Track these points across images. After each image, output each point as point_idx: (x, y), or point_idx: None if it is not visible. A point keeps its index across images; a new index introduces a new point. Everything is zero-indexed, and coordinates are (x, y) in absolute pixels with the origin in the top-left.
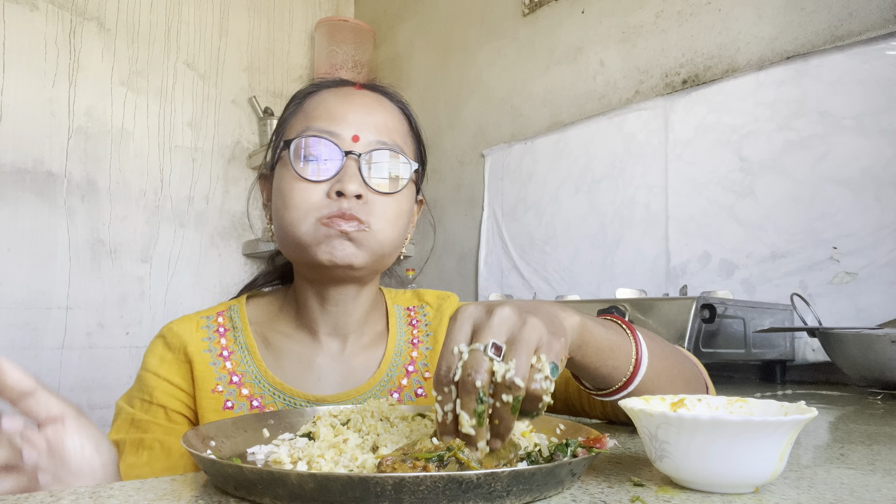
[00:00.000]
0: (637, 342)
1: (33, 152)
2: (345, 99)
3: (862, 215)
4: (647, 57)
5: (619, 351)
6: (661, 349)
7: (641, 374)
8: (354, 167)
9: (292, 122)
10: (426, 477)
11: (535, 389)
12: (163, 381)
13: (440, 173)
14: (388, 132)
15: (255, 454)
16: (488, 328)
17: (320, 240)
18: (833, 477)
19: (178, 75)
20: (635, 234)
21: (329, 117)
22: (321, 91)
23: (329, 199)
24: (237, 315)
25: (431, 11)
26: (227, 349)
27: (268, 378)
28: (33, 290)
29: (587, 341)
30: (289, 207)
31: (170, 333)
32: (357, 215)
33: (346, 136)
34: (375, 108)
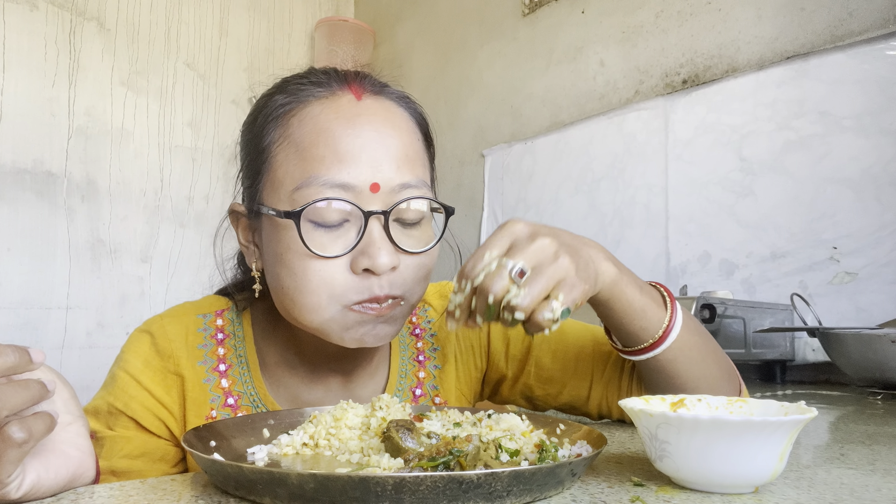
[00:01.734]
0: (674, 311)
1: (33, 152)
2: (351, 124)
3: (862, 215)
4: (647, 57)
5: (651, 313)
6: (697, 328)
7: (671, 339)
8: (380, 230)
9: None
10: (426, 477)
11: (538, 320)
12: (142, 390)
13: (440, 173)
14: (410, 163)
15: (255, 454)
16: (522, 250)
17: (348, 326)
18: (833, 477)
19: (178, 75)
20: (635, 234)
21: (336, 158)
22: (308, 104)
23: (354, 274)
24: (238, 320)
25: (431, 11)
26: (224, 361)
27: (267, 402)
28: (33, 290)
29: (617, 297)
30: (302, 291)
31: (160, 333)
32: (394, 293)
33: (363, 187)
34: (389, 129)
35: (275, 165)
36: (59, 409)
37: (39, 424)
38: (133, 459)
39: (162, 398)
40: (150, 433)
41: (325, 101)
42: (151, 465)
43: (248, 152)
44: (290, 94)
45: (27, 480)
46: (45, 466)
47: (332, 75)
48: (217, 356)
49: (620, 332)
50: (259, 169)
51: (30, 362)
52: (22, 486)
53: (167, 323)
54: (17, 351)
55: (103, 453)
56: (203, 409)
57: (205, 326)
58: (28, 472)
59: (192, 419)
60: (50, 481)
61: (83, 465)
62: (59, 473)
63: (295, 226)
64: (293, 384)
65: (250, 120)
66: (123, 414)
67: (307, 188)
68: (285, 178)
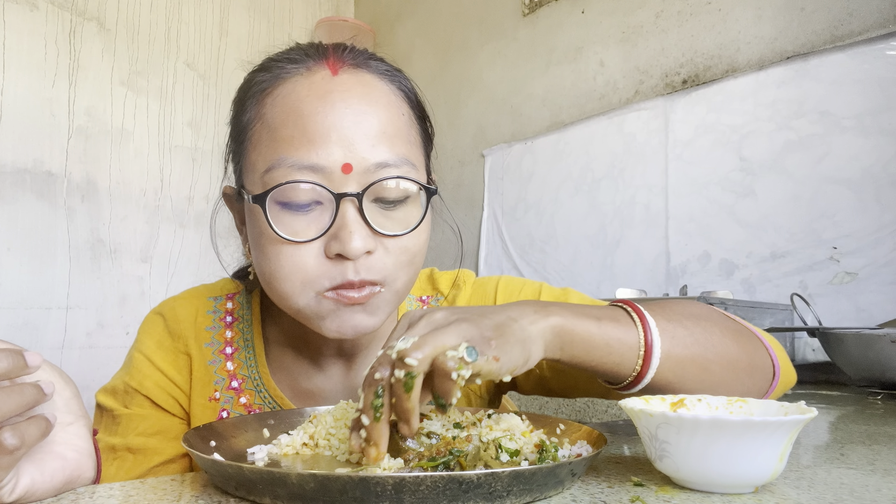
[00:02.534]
0: (647, 331)
1: (33, 152)
2: (322, 101)
3: (862, 215)
4: (647, 57)
5: (619, 344)
6: (689, 334)
7: (654, 367)
8: (353, 213)
9: (253, 136)
10: (426, 477)
11: (440, 363)
12: (156, 370)
13: (440, 173)
14: (389, 140)
15: (255, 454)
16: (413, 328)
17: (324, 314)
18: (833, 477)
19: (178, 75)
20: (635, 234)
21: (304, 139)
22: (284, 82)
23: (327, 259)
24: (248, 304)
25: (431, 11)
26: (231, 345)
27: (270, 389)
28: (33, 290)
29: (570, 342)
30: (276, 277)
31: (171, 315)
32: (369, 278)
33: (333, 168)
34: (366, 105)
35: (250, 147)
36: (59, 409)
37: (33, 430)
38: (149, 437)
39: (174, 377)
40: (164, 411)
41: (299, 78)
42: (166, 443)
43: (231, 132)
44: (268, 71)
45: (21, 484)
46: (40, 470)
47: (309, 51)
48: (224, 339)
49: (598, 374)
50: (239, 150)
51: (24, 367)
52: (15, 491)
53: (178, 305)
54: (10, 355)
55: (119, 430)
56: (207, 389)
57: (215, 309)
58: (22, 476)
59: (196, 398)
60: (45, 484)
61: (81, 467)
62: (55, 476)
63: (262, 210)
64: (295, 369)
65: (235, 98)
66: (139, 392)
67: (276, 170)
68: (258, 161)
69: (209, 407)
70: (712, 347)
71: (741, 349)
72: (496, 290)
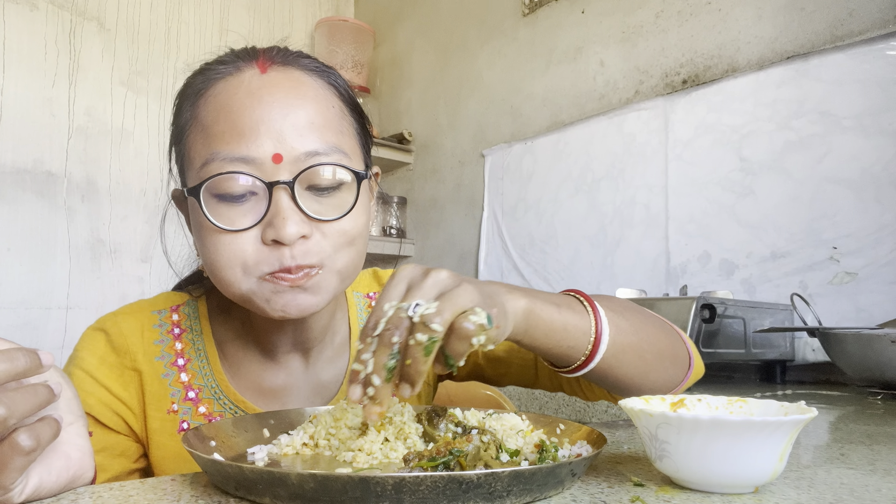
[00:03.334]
0: (598, 319)
1: (33, 152)
2: (251, 97)
3: (862, 215)
4: (647, 57)
5: (575, 330)
6: (629, 324)
7: (601, 352)
8: (287, 200)
9: (189, 136)
10: (426, 477)
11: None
12: (99, 386)
13: (440, 173)
14: (318, 130)
15: (254, 454)
16: (420, 288)
17: (267, 296)
18: (833, 477)
19: (178, 75)
20: (635, 234)
21: (235, 133)
22: (215, 83)
23: (264, 245)
24: (195, 314)
25: (431, 11)
26: (182, 356)
27: (229, 394)
28: (33, 290)
29: (534, 325)
30: (218, 266)
31: (115, 330)
32: (305, 262)
33: (264, 159)
34: (294, 99)
35: (187, 146)
36: (62, 409)
37: (47, 431)
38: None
39: (119, 394)
40: (108, 429)
41: (230, 79)
42: (112, 460)
43: (171, 135)
44: (202, 74)
45: (30, 484)
46: (47, 469)
47: (240, 54)
48: (175, 351)
49: (550, 357)
50: (180, 151)
51: (40, 366)
52: (25, 491)
53: (121, 320)
54: (27, 355)
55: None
56: (164, 402)
57: (160, 322)
58: (31, 476)
59: (153, 413)
60: (52, 483)
61: (83, 466)
62: (61, 475)
63: (197, 202)
64: (254, 370)
65: (175, 103)
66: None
67: (209, 164)
68: (195, 158)
69: (168, 420)
70: (647, 338)
71: (667, 340)
72: None
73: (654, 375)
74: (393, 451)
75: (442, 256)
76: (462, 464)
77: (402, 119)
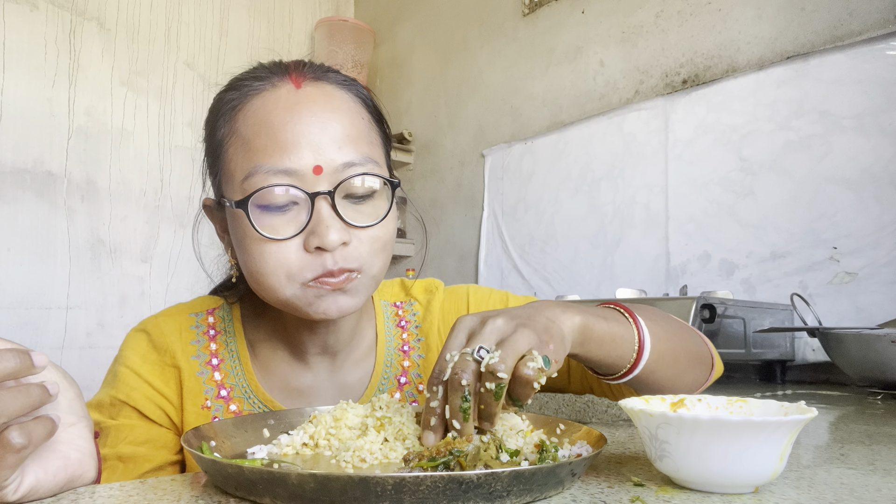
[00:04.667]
0: (639, 329)
1: (33, 152)
2: (290, 112)
3: (862, 215)
4: (647, 57)
5: (622, 341)
6: (664, 331)
7: (645, 359)
8: (327, 209)
9: (229, 150)
10: (426, 477)
11: (524, 374)
12: (143, 382)
13: (440, 173)
14: (353, 142)
15: (255, 454)
16: (480, 335)
17: (310, 301)
18: (833, 477)
19: (178, 75)
20: (635, 234)
21: (277, 147)
22: (252, 98)
23: (307, 253)
24: (229, 317)
25: (431, 11)
26: (216, 356)
27: (258, 394)
28: (33, 290)
29: (589, 338)
30: (263, 273)
31: (156, 331)
32: (347, 266)
33: (306, 171)
34: (329, 113)
35: (227, 159)
36: (62, 410)
37: (40, 429)
38: (138, 445)
39: (161, 389)
40: (152, 422)
41: (266, 94)
42: (156, 451)
43: (207, 148)
44: (236, 90)
45: (25, 483)
46: (43, 469)
47: (273, 69)
48: (210, 351)
49: (601, 366)
50: (216, 164)
51: (31, 367)
52: (20, 489)
53: (161, 321)
54: (18, 356)
55: (108, 442)
56: (198, 398)
57: (197, 324)
58: (27, 475)
59: (189, 407)
60: (48, 483)
61: (83, 467)
62: (58, 475)
63: (245, 214)
64: (283, 372)
65: (207, 117)
66: (126, 404)
67: (253, 177)
68: (236, 171)
69: (202, 415)
70: (679, 342)
71: (694, 343)
72: (468, 296)
73: (685, 377)
74: (392, 451)
75: (442, 256)
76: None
77: (402, 119)
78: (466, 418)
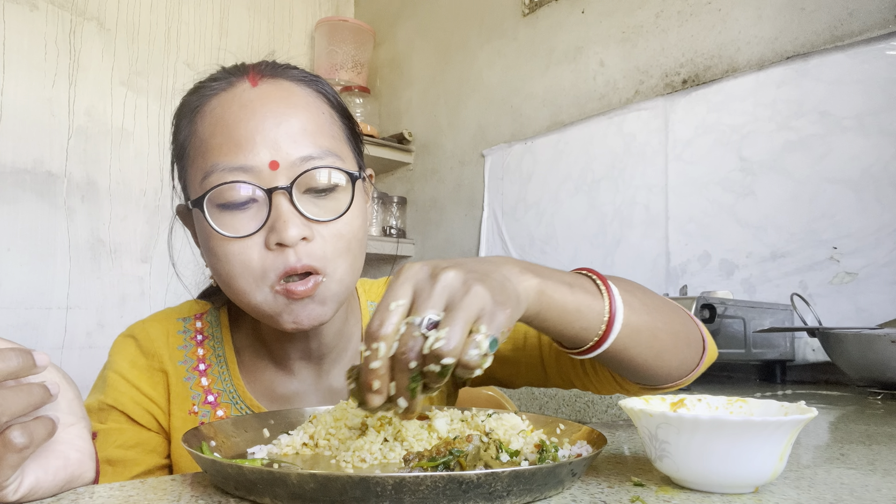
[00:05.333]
0: (611, 299)
1: (33, 152)
2: (244, 110)
3: (862, 215)
4: (647, 57)
5: (588, 311)
6: (641, 304)
7: (615, 333)
8: (286, 204)
9: (190, 152)
10: (426, 477)
11: (468, 361)
12: (132, 387)
13: (440, 173)
14: (311, 136)
15: (254, 454)
16: (428, 296)
17: (280, 309)
18: (833, 477)
19: (178, 75)
20: (635, 234)
21: (232, 144)
22: (209, 99)
23: (269, 251)
24: (217, 322)
25: (431, 11)
26: (203, 361)
27: (245, 399)
28: (33, 290)
29: (547, 305)
30: (230, 276)
31: (143, 336)
32: (311, 264)
33: (262, 167)
34: (284, 108)
35: (188, 161)
36: (62, 410)
37: (41, 429)
38: (127, 449)
39: (149, 393)
40: (140, 426)
41: (223, 94)
42: (145, 455)
43: (173, 153)
44: (196, 92)
45: (25, 483)
46: (43, 468)
47: (232, 70)
48: (197, 356)
49: (562, 338)
50: (181, 167)
51: (33, 366)
52: (20, 489)
53: (149, 326)
54: (20, 355)
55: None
56: (186, 403)
57: (185, 329)
58: (27, 475)
59: (176, 412)
60: (48, 483)
61: (82, 467)
62: (58, 475)
63: (202, 213)
64: (268, 379)
65: (172, 122)
66: (115, 409)
67: (210, 176)
68: (196, 172)
69: (189, 420)
70: (661, 318)
71: (681, 322)
72: None
73: (668, 357)
74: (392, 451)
75: (442, 256)
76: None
77: (402, 119)
78: (414, 395)
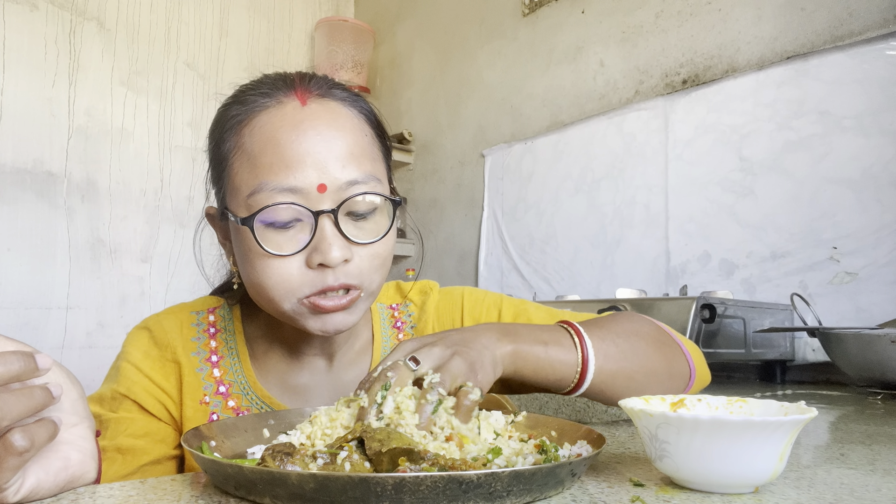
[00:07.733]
0: (584, 350)
1: (33, 152)
2: (296, 130)
3: (862, 215)
4: (647, 57)
5: (561, 365)
6: (618, 350)
7: (589, 381)
8: (330, 227)
9: (234, 164)
10: (426, 477)
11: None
12: (144, 377)
13: (440, 173)
14: (356, 160)
15: (254, 454)
16: (417, 355)
17: (308, 316)
18: (833, 477)
19: (178, 75)
20: (635, 234)
21: (282, 164)
22: (258, 114)
23: (309, 269)
24: (229, 316)
25: (431, 11)
26: (216, 353)
27: (256, 391)
28: (33, 290)
29: (522, 365)
30: (265, 287)
31: (157, 327)
32: (348, 282)
33: (310, 189)
34: (334, 131)
35: (232, 173)
36: (65, 411)
37: (42, 432)
38: (137, 438)
39: (161, 384)
40: (152, 415)
41: (272, 111)
42: (154, 444)
43: (211, 159)
44: (242, 104)
45: (26, 484)
46: (45, 470)
47: (279, 84)
48: (209, 348)
49: (538, 389)
50: (221, 176)
51: (35, 370)
52: (21, 491)
53: (163, 318)
54: (22, 358)
55: (108, 434)
56: (197, 393)
57: (198, 322)
58: (28, 477)
59: (188, 402)
60: (49, 484)
61: (84, 468)
62: (59, 476)
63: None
64: (280, 370)
65: (212, 128)
66: (127, 398)
67: (258, 194)
68: (241, 186)
69: (200, 410)
70: (637, 360)
71: (662, 358)
72: (462, 298)
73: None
74: None
75: (442, 256)
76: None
77: (402, 119)
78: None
